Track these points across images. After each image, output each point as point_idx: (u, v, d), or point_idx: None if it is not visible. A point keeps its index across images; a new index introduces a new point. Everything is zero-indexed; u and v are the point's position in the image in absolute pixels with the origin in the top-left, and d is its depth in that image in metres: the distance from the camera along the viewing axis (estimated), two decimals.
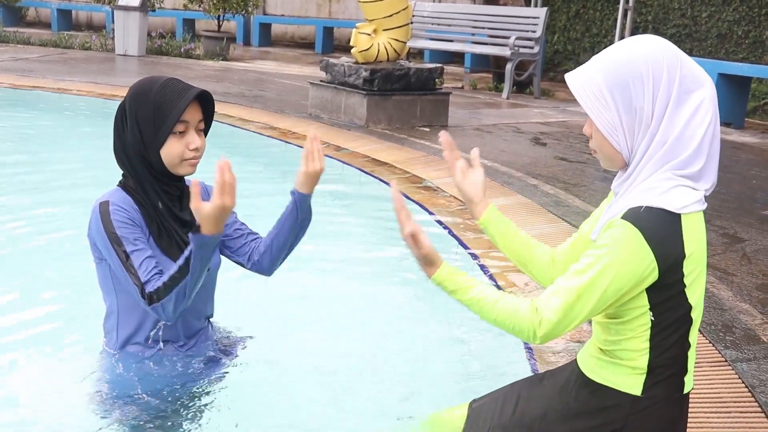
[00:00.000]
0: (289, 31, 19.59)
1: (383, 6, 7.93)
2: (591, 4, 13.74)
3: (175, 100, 2.24)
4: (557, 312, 1.70)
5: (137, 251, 2.24)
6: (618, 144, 1.73)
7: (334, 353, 3.19)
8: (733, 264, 4.23)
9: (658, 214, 1.65)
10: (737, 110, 9.45)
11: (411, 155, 6.79)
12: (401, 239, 1.85)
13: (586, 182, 5.99)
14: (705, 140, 1.68)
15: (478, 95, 11.29)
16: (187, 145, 2.28)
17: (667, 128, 1.68)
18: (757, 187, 6.33)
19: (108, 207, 2.27)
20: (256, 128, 7.95)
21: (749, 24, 11.85)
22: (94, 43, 15.51)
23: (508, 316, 1.75)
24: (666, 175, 1.68)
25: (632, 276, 1.66)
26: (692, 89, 1.69)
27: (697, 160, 1.68)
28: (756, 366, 3.06)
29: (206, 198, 2.47)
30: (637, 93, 1.68)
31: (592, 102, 1.71)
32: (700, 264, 1.72)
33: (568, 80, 1.77)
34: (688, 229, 1.67)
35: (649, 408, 1.76)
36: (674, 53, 1.70)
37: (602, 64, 1.72)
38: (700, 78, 1.70)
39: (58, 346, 3.09)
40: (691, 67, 1.70)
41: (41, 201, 5.23)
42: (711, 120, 1.69)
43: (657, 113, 1.68)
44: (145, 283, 2.21)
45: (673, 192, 1.67)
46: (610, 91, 1.69)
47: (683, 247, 1.67)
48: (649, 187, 1.68)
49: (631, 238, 1.64)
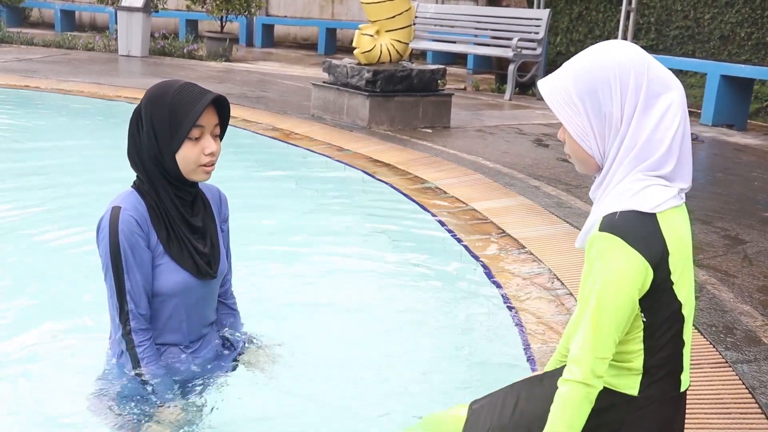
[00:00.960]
0: (292, 32, 19.62)
1: (386, 7, 7.95)
2: (594, 6, 13.75)
3: (192, 104, 2.22)
4: (585, 349, 1.69)
5: (132, 274, 2.27)
6: (590, 148, 1.75)
7: (336, 354, 3.19)
8: (734, 266, 4.24)
9: (634, 217, 1.67)
10: (740, 112, 9.45)
11: (413, 156, 6.80)
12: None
13: (588, 184, 5.96)
14: (674, 142, 1.70)
15: (480, 96, 11.30)
16: (202, 150, 2.27)
17: (635, 132, 1.70)
18: (758, 188, 6.33)
19: (119, 214, 2.26)
20: (259, 129, 7.96)
21: (752, 26, 11.85)
22: (97, 43, 15.55)
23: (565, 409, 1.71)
24: (638, 176, 1.70)
25: (633, 282, 1.67)
26: (660, 92, 1.71)
27: (668, 161, 1.70)
28: (757, 367, 3.07)
29: (217, 204, 2.50)
30: (605, 98, 1.71)
31: (563, 108, 1.75)
32: (684, 259, 1.73)
33: (539, 86, 1.80)
34: (666, 226, 1.69)
35: (646, 408, 1.77)
36: (641, 58, 1.72)
37: (572, 71, 1.74)
38: (667, 81, 1.72)
39: (61, 348, 3.09)
40: (659, 71, 1.72)
41: (44, 200, 5.25)
42: (680, 122, 1.71)
43: (626, 117, 1.70)
44: (129, 312, 2.29)
45: (646, 192, 1.69)
46: (580, 97, 1.72)
47: (665, 245, 1.68)
48: (623, 191, 1.70)
49: (616, 247, 1.66)
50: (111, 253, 2.25)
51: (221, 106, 2.32)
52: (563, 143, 1.83)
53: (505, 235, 4.68)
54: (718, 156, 7.60)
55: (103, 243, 2.27)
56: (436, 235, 4.79)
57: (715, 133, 8.84)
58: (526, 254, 4.30)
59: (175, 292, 2.35)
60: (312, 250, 4.53)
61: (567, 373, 1.72)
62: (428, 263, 4.43)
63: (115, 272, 2.26)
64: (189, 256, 2.34)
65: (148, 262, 2.30)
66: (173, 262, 2.32)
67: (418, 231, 4.97)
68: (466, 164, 6.52)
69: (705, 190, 5.98)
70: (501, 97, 11.20)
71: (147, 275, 2.30)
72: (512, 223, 4.91)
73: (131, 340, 2.31)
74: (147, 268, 2.30)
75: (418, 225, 5.04)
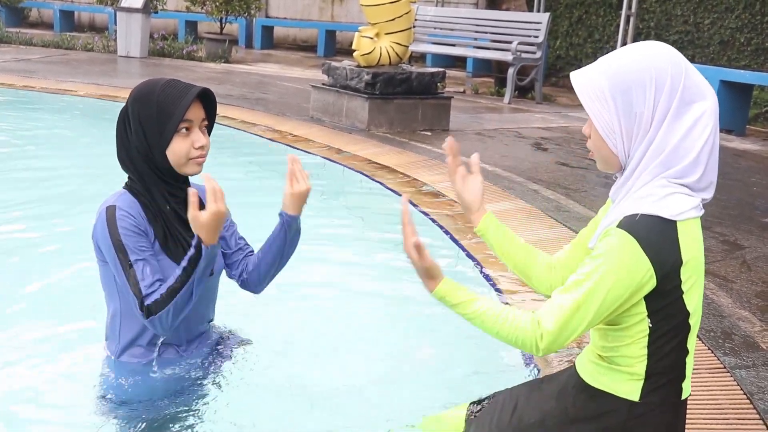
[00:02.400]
0: (291, 34, 19.61)
1: (386, 10, 7.94)
2: (593, 10, 13.75)
3: (178, 99, 2.24)
4: (558, 323, 1.70)
5: (140, 261, 2.24)
6: (615, 146, 1.74)
7: (332, 355, 3.19)
8: (732, 271, 4.23)
9: (654, 222, 1.66)
10: (739, 117, 9.44)
11: (412, 159, 6.80)
12: (403, 251, 1.86)
13: (587, 188, 5.99)
14: (703, 152, 1.69)
15: (479, 100, 11.29)
16: (192, 143, 2.29)
17: (665, 137, 1.69)
18: (757, 194, 6.33)
19: (115, 212, 2.26)
20: (258, 131, 7.96)
21: (752, 31, 11.85)
22: (96, 44, 15.53)
23: (511, 329, 1.75)
24: (662, 182, 1.69)
25: (630, 284, 1.66)
26: (694, 100, 1.69)
27: (695, 171, 1.69)
28: (755, 373, 3.06)
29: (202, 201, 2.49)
30: (638, 98, 1.69)
31: (593, 102, 1.73)
32: (698, 270, 1.72)
33: (572, 78, 1.78)
34: (684, 235, 1.68)
35: (646, 414, 1.76)
36: (679, 63, 1.71)
37: (607, 67, 1.73)
38: (703, 89, 1.71)
39: (58, 350, 3.08)
40: (695, 77, 1.71)
41: (41, 201, 5.24)
42: (711, 132, 1.69)
43: (656, 121, 1.69)
44: (144, 296, 2.22)
45: (669, 199, 1.68)
46: (612, 93, 1.71)
47: (680, 254, 1.67)
48: (645, 195, 1.69)
49: (628, 246, 1.65)
50: (115, 248, 2.24)
51: (208, 100, 2.33)
52: (587, 138, 1.81)
53: None
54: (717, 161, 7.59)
55: (105, 243, 2.26)
56: (433, 238, 4.79)
57: None
58: None
59: None
60: (309, 252, 4.51)
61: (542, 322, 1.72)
62: None
63: (125, 266, 2.24)
64: (185, 254, 2.34)
65: (151, 251, 2.29)
66: (171, 261, 2.32)
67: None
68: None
69: None
70: (500, 101, 11.19)
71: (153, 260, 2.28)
72: (511, 226, 4.85)
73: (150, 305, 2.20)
74: (151, 256, 2.28)
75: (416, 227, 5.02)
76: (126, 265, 2.23)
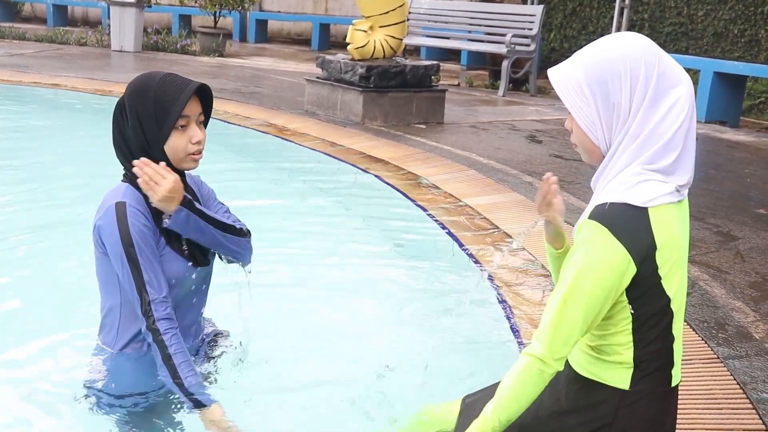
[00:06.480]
0: (286, 28, 19.59)
1: (380, 3, 7.93)
2: (587, 2, 13.75)
3: (176, 94, 2.23)
4: (549, 327, 1.71)
5: (149, 264, 2.25)
6: (596, 138, 1.76)
7: (326, 349, 3.19)
8: (726, 262, 4.25)
9: (623, 209, 1.68)
10: (732, 109, 9.47)
11: (407, 152, 6.80)
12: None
13: (582, 180, 6.00)
14: (677, 136, 1.70)
15: (474, 92, 11.29)
16: (189, 138, 2.28)
17: (641, 123, 1.71)
18: (751, 185, 6.35)
19: (125, 209, 2.24)
20: (252, 125, 7.95)
21: (745, 23, 11.87)
22: (89, 38, 15.48)
23: (516, 378, 1.73)
24: (636, 170, 1.71)
25: (611, 273, 1.68)
26: (669, 86, 1.71)
27: (670, 154, 1.71)
28: (748, 363, 3.08)
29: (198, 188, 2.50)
30: (615, 89, 1.71)
31: (572, 97, 1.75)
32: (675, 255, 1.74)
33: (549, 75, 1.80)
34: (657, 221, 1.69)
35: (637, 402, 1.78)
36: (653, 51, 1.73)
37: (582, 61, 1.75)
38: (677, 75, 1.73)
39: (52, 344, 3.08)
40: (670, 64, 1.73)
41: (36, 196, 5.23)
42: (686, 116, 1.71)
43: (634, 109, 1.71)
44: (151, 302, 2.24)
45: (640, 186, 1.70)
46: (590, 86, 1.73)
47: (653, 239, 1.69)
48: (617, 184, 1.72)
49: (600, 236, 1.67)
50: (124, 248, 2.23)
51: (204, 95, 2.32)
52: (570, 132, 1.83)
53: (497, 230, 4.69)
54: (710, 153, 7.61)
55: (113, 240, 2.25)
56: (428, 231, 4.80)
57: (707, 129, 8.86)
58: (519, 249, 4.31)
59: (176, 280, 2.35)
60: (303, 245, 4.53)
61: (529, 347, 1.74)
62: (420, 259, 4.43)
63: (133, 266, 2.24)
64: (185, 244, 2.36)
65: (157, 251, 2.30)
66: (173, 252, 2.34)
67: (411, 226, 4.97)
68: (460, 160, 6.52)
69: (697, 186, 5.97)
70: (495, 93, 11.20)
71: (160, 263, 2.30)
72: (505, 218, 4.91)
73: (157, 330, 2.26)
74: (158, 257, 2.30)
75: (411, 221, 5.04)
76: (134, 264, 2.24)
